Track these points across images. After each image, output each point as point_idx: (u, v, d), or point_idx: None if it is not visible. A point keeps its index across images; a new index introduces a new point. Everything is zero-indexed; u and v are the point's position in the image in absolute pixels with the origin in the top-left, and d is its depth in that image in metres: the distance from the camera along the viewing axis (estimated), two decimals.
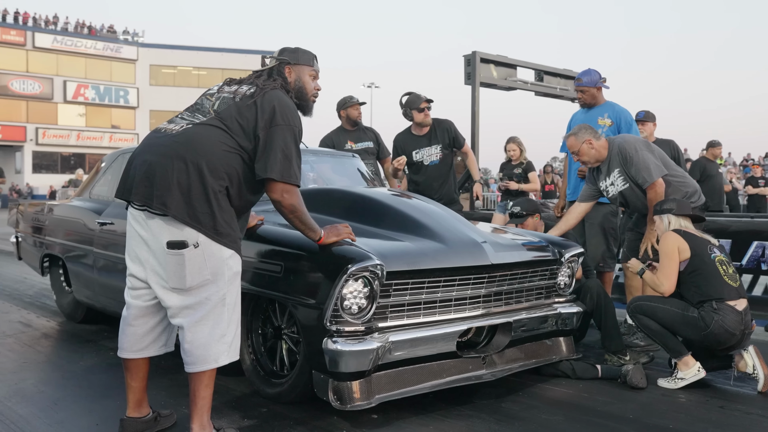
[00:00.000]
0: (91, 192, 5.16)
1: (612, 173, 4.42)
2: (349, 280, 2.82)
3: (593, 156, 4.44)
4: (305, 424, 3.05)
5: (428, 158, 5.38)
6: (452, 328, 3.19)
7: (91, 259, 4.54)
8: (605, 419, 3.15)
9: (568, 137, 4.54)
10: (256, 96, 2.73)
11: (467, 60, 7.51)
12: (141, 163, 2.66)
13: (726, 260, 3.71)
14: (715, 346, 3.62)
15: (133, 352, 2.80)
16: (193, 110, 2.84)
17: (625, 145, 4.36)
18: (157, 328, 2.82)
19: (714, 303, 3.56)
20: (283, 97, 2.79)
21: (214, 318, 2.65)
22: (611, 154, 4.41)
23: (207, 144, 2.63)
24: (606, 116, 5.11)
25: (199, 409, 2.68)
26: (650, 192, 4.24)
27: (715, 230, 5.42)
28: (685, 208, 3.91)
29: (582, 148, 4.43)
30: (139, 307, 2.77)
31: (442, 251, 3.21)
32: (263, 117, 2.68)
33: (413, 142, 5.44)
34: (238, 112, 2.71)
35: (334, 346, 2.81)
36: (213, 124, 2.70)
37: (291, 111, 2.77)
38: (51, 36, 42.68)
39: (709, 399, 3.50)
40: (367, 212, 3.56)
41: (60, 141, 42.49)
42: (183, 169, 2.57)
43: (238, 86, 2.85)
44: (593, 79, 5.17)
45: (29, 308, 5.99)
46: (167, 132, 2.73)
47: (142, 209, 2.64)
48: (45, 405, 3.33)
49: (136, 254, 2.74)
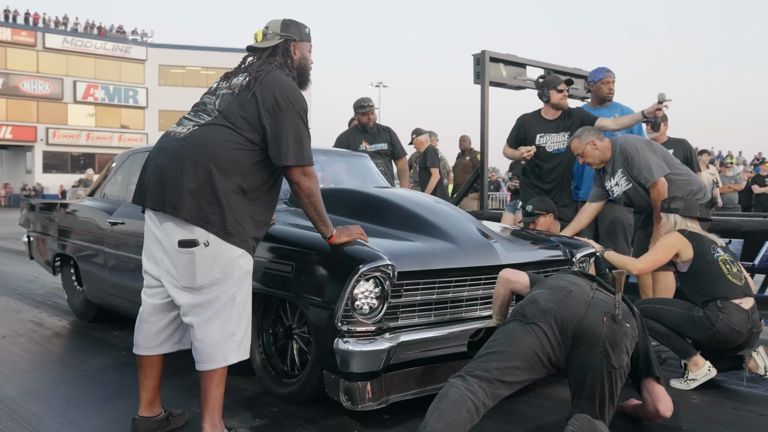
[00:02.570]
0: (102, 192, 5.18)
1: (616, 174, 4.43)
2: (361, 280, 2.82)
3: (597, 157, 4.46)
4: (316, 423, 3.05)
5: (553, 145, 5.09)
6: (463, 328, 3.18)
7: (102, 258, 4.56)
8: (617, 420, 3.13)
9: (572, 140, 4.57)
10: (253, 85, 2.70)
11: (476, 59, 7.48)
12: (154, 167, 2.68)
13: (730, 259, 3.69)
14: (723, 345, 3.60)
15: (147, 349, 2.83)
16: (197, 111, 2.84)
17: (627, 145, 4.36)
18: (171, 325, 2.84)
19: (719, 302, 3.54)
20: (282, 79, 2.75)
21: (224, 317, 2.66)
22: (614, 155, 4.42)
23: (214, 144, 2.63)
24: (616, 116, 5.14)
25: (211, 408, 2.68)
26: (653, 191, 4.24)
27: (727, 230, 5.41)
28: (693, 209, 3.89)
29: (586, 149, 4.45)
30: (154, 304, 2.81)
31: (453, 251, 3.20)
32: (265, 106, 2.66)
33: (540, 126, 5.14)
34: (240, 106, 2.69)
35: (345, 346, 2.81)
36: (217, 123, 2.69)
37: (293, 92, 2.73)
38: (61, 36, 42.89)
39: (722, 400, 3.48)
40: (378, 212, 3.55)
41: (70, 141, 42.69)
42: (192, 172, 2.58)
43: (234, 78, 2.83)
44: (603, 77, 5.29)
45: (41, 307, 6.02)
46: (175, 135, 2.74)
47: (157, 211, 2.66)
48: (57, 404, 3.34)
49: (151, 253, 2.77)
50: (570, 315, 2.57)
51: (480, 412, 2.48)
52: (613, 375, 2.57)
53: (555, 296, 2.64)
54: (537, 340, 2.58)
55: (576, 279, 2.77)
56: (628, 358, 2.61)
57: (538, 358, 2.59)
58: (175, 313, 2.80)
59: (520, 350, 2.57)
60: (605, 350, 2.53)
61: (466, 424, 2.42)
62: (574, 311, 2.58)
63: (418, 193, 4.12)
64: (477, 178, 8.26)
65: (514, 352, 2.57)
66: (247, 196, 2.68)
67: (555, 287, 2.71)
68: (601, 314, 2.58)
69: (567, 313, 2.58)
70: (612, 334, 2.55)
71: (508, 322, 2.72)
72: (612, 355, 2.54)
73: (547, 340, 2.58)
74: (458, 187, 9.56)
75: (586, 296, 2.64)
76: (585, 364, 2.56)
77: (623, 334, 2.57)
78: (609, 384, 2.57)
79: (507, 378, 2.56)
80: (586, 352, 2.55)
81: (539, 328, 2.59)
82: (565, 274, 2.85)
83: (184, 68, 46.39)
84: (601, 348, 2.54)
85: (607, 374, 2.55)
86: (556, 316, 2.58)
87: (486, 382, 2.52)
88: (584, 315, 2.56)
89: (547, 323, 2.58)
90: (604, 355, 2.53)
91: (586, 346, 2.55)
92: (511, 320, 2.70)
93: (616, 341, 2.54)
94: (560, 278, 2.80)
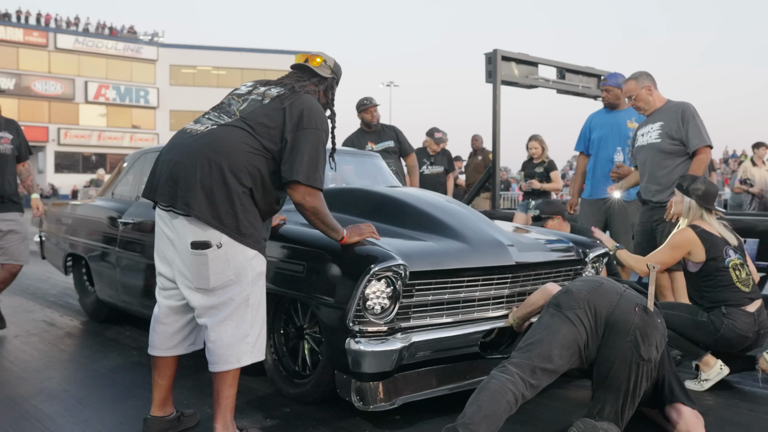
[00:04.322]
0: (113, 192, 5.19)
1: (654, 125, 4.45)
2: (372, 280, 2.81)
3: (649, 103, 4.51)
4: (327, 424, 3.04)
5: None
6: (475, 328, 3.17)
7: (114, 258, 4.57)
8: (631, 421, 3.10)
9: (628, 81, 4.59)
10: (285, 99, 2.73)
11: (488, 58, 7.47)
12: (166, 162, 2.67)
13: (740, 262, 3.57)
14: (729, 350, 3.56)
15: (163, 350, 2.82)
16: (219, 110, 2.83)
17: (690, 107, 4.41)
18: (187, 327, 2.83)
19: (723, 308, 3.49)
20: (315, 103, 2.80)
21: (238, 318, 2.65)
22: (666, 108, 4.46)
23: (230, 145, 2.62)
24: (633, 120, 5.30)
25: (223, 408, 2.68)
26: (698, 157, 4.26)
27: (742, 229, 5.34)
28: (710, 198, 3.65)
29: (641, 93, 4.50)
30: (170, 306, 2.80)
31: (466, 251, 3.18)
32: (291, 120, 2.68)
33: None
34: (265, 114, 2.70)
35: (357, 347, 2.79)
36: (237, 125, 2.69)
37: (320, 115, 2.77)
38: (72, 37, 43.19)
39: (737, 402, 3.44)
40: (390, 212, 3.54)
41: (81, 141, 42.98)
42: (206, 169, 2.57)
43: (268, 88, 2.85)
44: (618, 81, 5.36)
45: (53, 307, 6.05)
46: (192, 132, 2.73)
47: (168, 209, 2.65)
48: (70, 404, 3.35)
49: (164, 254, 2.76)
50: (603, 303, 2.64)
51: (519, 402, 2.51)
52: (641, 368, 2.58)
53: (588, 285, 2.71)
54: (573, 326, 2.63)
55: (606, 279, 2.84)
56: (657, 355, 2.62)
57: (577, 346, 2.63)
58: (191, 314, 2.79)
59: (558, 338, 2.61)
60: (635, 339, 2.57)
61: (504, 415, 2.45)
62: (607, 299, 2.64)
63: (430, 193, 4.10)
64: (489, 177, 8.25)
65: (554, 340, 2.61)
66: (256, 198, 2.67)
67: (587, 280, 2.80)
68: (633, 305, 2.63)
69: (600, 301, 2.64)
70: (643, 324, 2.58)
71: (542, 317, 2.76)
72: (642, 345, 2.57)
73: (582, 327, 2.63)
74: (471, 186, 9.53)
75: (618, 288, 2.70)
76: (614, 353, 2.59)
77: (654, 327, 2.61)
78: (635, 377, 2.58)
79: (549, 365, 2.59)
80: (617, 339, 2.59)
81: (575, 315, 2.64)
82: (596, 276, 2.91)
83: (195, 68, 46.60)
84: (632, 337, 2.57)
85: (635, 366, 2.58)
86: (590, 303, 2.65)
87: (528, 371, 2.55)
88: (617, 303, 2.63)
89: (582, 310, 2.65)
90: (633, 345, 2.57)
91: (616, 335, 2.59)
92: (545, 314, 2.73)
93: (647, 332, 2.58)
94: (591, 277, 2.91)
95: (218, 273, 2.59)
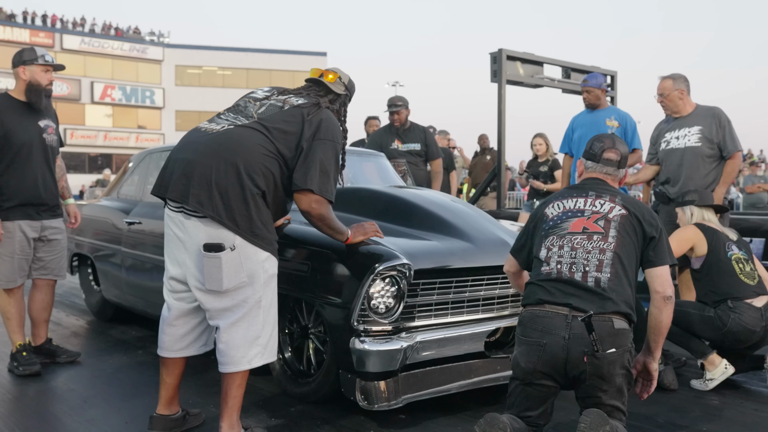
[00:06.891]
0: (119, 192, 5.21)
1: (691, 128, 4.44)
2: (377, 279, 2.81)
3: (678, 106, 4.50)
4: (332, 423, 3.05)
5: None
6: (480, 328, 3.17)
7: (119, 258, 4.59)
8: (637, 420, 3.09)
9: (665, 79, 4.56)
10: (305, 108, 2.75)
11: (493, 57, 7.46)
12: (179, 160, 2.66)
13: (744, 257, 3.64)
14: (737, 345, 3.56)
15: (172, 352, 2.81)
16: (235, 111, 2.84)
17: (723, 112, 4.44)
18: (197, 328, 2.83)
19: (729, 302, 3.50)
20: (333, 118, 2.83)
21: (249, 320, 2.64)
22: (699, 112, 4.46)
23: (246, 146, 2.62)
24: (613, 118, 5.44)
25: (230, 408, 2.68)
26: (731, 161, 4.34)
27: (748, 229, 5.34)
28: (707, 198, 3.89)
29: (673, 94, 4.48)
30: (181, 308, 2.79)
31: (470, 250, 3.18)
32: (310, 129, 2.70)
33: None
34: (284, 120, 2.72)
35: (362, 346, 2.80)
36: (254, 127, 2.69)
37: (336, 129, 2.79)
38: (78, 38, 43.29)
39: (743, 401, 3.43)
40: (395, 211, 3.54)
41: (87, 141, 43.07)
42: (222, 169, 2.56)
43: (288, 96, 2.87)
44: (598, 81, 5.49)
45: (58, 307, 6.06)
46: (207, 131, 2.73)
47: (179, 210, 2.64)
48: (75, 403, 3.36)
49: (175, 256, 2.74)
50: (554, 362, 2.50)
51: None
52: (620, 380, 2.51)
53: (534, 355, 2.53)
54: (542, 388, 2.55)
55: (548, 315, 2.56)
56: (629, 371, 2.54)
57: (553, 394, 2.59)
58: (203, 316, 2.78)
59: (536, 403, 2.56)
60: (596, 382, 2.48)
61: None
62: (556, 359, 2.50)
63: (435, 192, 4.11)
64: (494, 177, 8.24)
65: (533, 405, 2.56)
66: (267, 200, 2.67)
67: (530, 342, 2.56)
68: (581, 354, 2.47)
69: (552, 363, 2.50)
70: (596, 369, 2.47)
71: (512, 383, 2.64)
72: (605, 382, 2.48)
73: (551, 382, 2.55)
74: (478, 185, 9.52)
75: (561, 341, 2.49)
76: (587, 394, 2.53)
77: (610, 363, 2.47)
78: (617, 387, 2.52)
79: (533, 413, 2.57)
80: (581, 386, 2.52)
81: (538, 383, 2.55)
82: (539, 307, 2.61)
83: (200, 68, 46.66)
84: (590, 382, 2.49)
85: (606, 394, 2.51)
86: (543, 369, 2.52)
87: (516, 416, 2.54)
88: (567, 358, 2.48)
89: (541, 375, 2.54)
90: (597, 386, 2.49)
91: (580, 381, 2.51)
92: (513, 383, 2.64)
93: (602, 373, 2.47)
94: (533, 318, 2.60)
95: (231, 275, 2.57)
